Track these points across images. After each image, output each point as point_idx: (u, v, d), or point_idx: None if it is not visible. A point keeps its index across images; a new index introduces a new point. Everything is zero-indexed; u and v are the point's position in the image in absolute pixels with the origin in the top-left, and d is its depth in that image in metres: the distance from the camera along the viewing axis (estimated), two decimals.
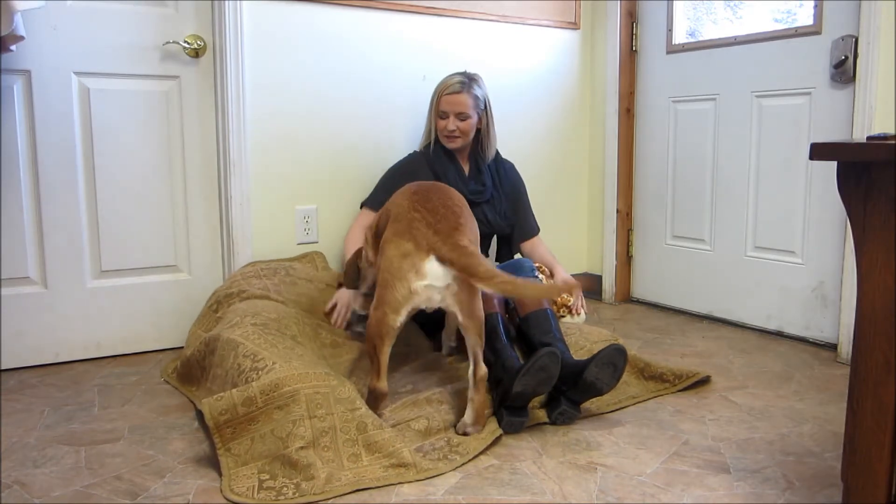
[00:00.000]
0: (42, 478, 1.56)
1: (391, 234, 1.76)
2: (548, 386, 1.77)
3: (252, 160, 2.50)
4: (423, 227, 1.72)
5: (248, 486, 1.49)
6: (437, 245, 1.68)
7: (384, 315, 1.70)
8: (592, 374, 1.77)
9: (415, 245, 1.70)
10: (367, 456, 1.59)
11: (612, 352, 1.78)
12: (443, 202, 1.80)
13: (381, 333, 1.71)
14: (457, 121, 2.39)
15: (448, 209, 1.78)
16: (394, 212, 1.82)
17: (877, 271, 1.21)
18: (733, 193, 2.82)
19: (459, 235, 1.70)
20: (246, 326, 1.96)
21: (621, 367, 1.80)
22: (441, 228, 1.71)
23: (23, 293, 2.27)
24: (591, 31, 3.24)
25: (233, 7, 2.38)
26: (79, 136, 2.30)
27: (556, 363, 1.74)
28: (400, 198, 1.86)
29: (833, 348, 2.50)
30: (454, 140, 2.42)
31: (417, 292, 1.69)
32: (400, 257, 1.70)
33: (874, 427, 1.22)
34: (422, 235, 1.70)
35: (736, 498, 1.49)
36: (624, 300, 3.28)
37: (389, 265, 1.71)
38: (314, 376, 1.67)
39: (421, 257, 1.68)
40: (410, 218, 1.75)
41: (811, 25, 2.51)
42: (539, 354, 1.71)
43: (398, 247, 1.71)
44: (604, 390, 1.83)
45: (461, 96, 2.38)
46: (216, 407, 1.60)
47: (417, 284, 1.68)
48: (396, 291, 1.69)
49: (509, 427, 1.78)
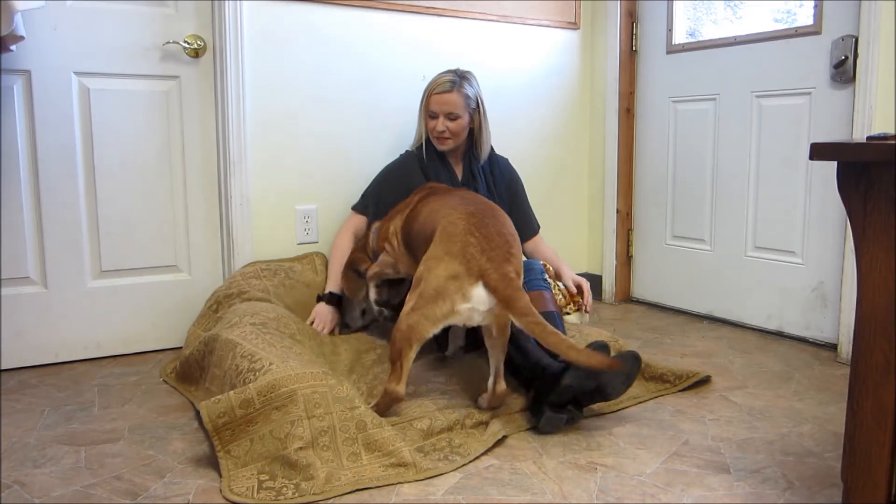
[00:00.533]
0: (42, 478, 1.56)
1: (442, 252, 1.76)
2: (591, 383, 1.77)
3: (252, 160, 2.50)
4: (478, 252, 1.73)
5: (247, 487, 1.49)
6: (489, 273, 1.70)
7: (418, 323, 1.71)
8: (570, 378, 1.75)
9: (466, 269, 1.71)
10: (366, 455, 1.59)
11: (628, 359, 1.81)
12: (498, 230, 1.81)
13: (412, 340, 1.72)
14: (447, 121, 2.33)
15: (502, 237, 1.79)
16: (446, 228, 1.81)
17: (877, 271, 1.21)
18: (733, 193, 2.82)
19: (509, 266, 1.73)
20: (244, 326, 1.96)
21: (633, 374, 1.82)
22: (494, 256, 1.73)
23: (23, 293, 2.27)
24: (591, 31, 3.24)
25: (233, 7, 2.38)
26: (79, 136, 2.30)
27: (637, 366, 1.81)
28: (455, 215, 1.84)
29: (833, 348, 2.50)
30: (444, 142, 2.37)
31: (459, 312, 1.71)
32: (449, 277, 1.71)
33: (874, 427, 1.22)
34: (475, 261, 1.72)
35: (736, 498, 1.49)
36: (624, 300, 3.28)
37: (437, 282, 1.72)
38: (311, 376, 1.66)
39: (471, 282, 1.70)
40: (466, 242, 1.75)
41: (811, 25, 2.51)
42: (626, 356, 1.79)
43: (448, 267, 1.72)
44: (612, 396, 1.83)
45: (451, 95, 2.32)
46: (214, 410, 1.59)
47: (462, 306, 1.71)
48: (437, 307, 1.71)
49: (547, 423, 1.78)
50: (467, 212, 1.84)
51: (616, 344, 2.21)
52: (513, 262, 1.75)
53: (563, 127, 3.24)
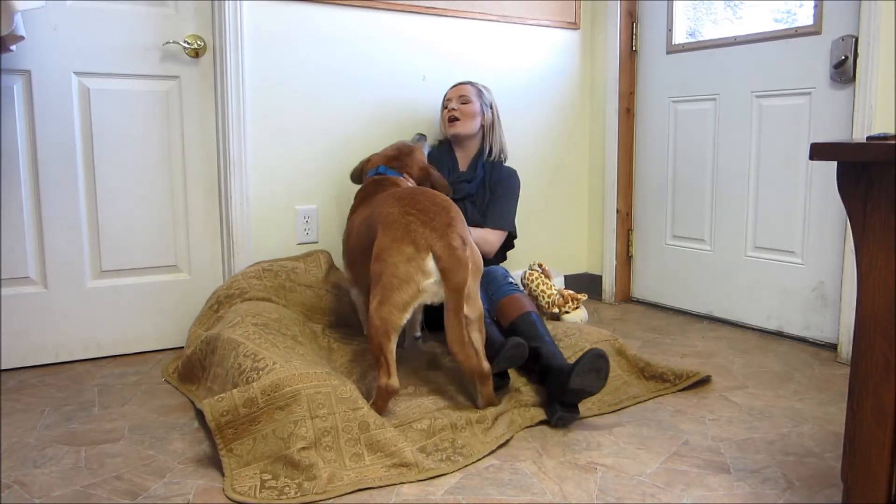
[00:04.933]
0: (42, 478, 1.56)
1: (388, 241, 1.79)
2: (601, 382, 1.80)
3: (252, 160, 2.50)
4: (420, 226, 1.78)
5: (250, 486, 1.49)
6: (434, 243, 1.75)
7: (390, 314, 1.74)
8: (576, 383, 1.78)
9: (415, 247, 1.76)
10: (369, 455, 1.59)
11: (591, 358, 1.78)
12: (431, 201, 1.86)
13: (388, 331, 1.75)
14: (458, 103, 2.50)
15: (437, 206, 1.85)
16: (384, 220, 1.85)
17: (877, 271, 1.21)
18: (733, 193, 2.82)
19: (452, 233, 1.78)
20: (247, 326, 1.96)
21: (605, 369, 1.80)
22: (436, 226, 1.78)
23: (23, 293, 2.27)
24: (591, 31, 3.24)
25: (233, 7, 2.38)
26: (79, 136, 2.30)
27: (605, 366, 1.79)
28: (386, 207, 1.88)
29: (833, 348, 2.51)
30: (454, 124, 2.50)
31: (425, 290, 1.76)
32: (405, 262, 1.75)
33: (874, 427, 1.22)
34: (420, 235, 1.76)
35: (736, 498, 1.49)
36: (624, 300, 3.28)
37: (395, 270, 1.75)
38: (315, 376, 1.67)
39: (423, 257, 1.75)
40: (406, 223, 1.80)
41: (811, 25, 2.51)
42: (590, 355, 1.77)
43: (400, 251, 1.76)
44: (594, 392, 1.83)
45: (465, 86, 2.55)
46: (217, 408, 1.60)
47: (425, 283, 1.75)
48: (403, 293, 1.75)
49: (560, 422, 1.82)
50: (396, 197, 1.90)
51: (616, 343, 2.21)
52: (455, 227, 1.80)
53: (563, 127, 3.24)
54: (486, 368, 1.81)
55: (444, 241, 1.75)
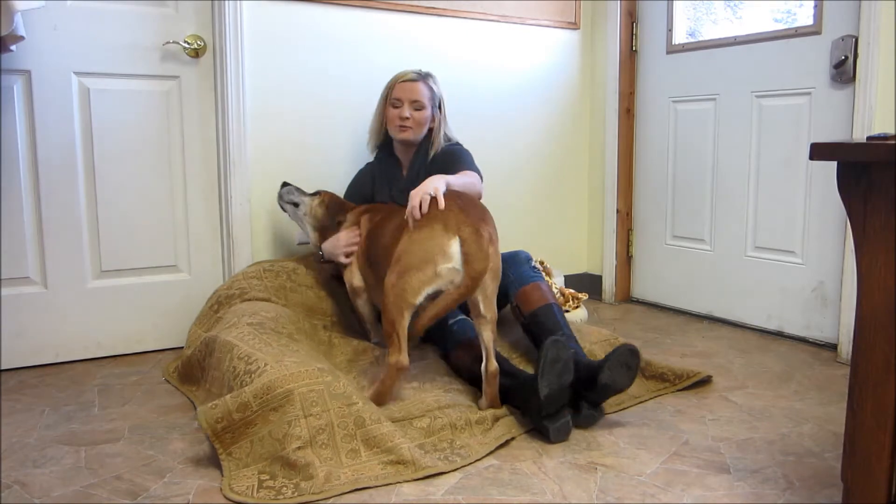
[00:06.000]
0: (42, 478, 1.56)
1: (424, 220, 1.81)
2: (569, 374, 1.72)
3: (252, 160, 2.50)
4: (456, 211, 1.79)
5: (247, 486, 1.49)
6: (463, 227, 1.75)
7: (404, 291, 1.75)
8: (607, 376, 1.76)
9: (444, 227, 1.77)
10: (365, 451, 1.59)
11: (624, 352, 1.78)
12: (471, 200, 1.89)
13: (402, 307, 1.75)
14: (411, 109, 2.29)
15: (479, 205, 1.88)
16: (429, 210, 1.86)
17: (877, 271, 1.20)
18: (733, 193, 2.82)
19: (484, 225, 1.79)
20: (242, 327, 1.96)
21: (635, 366, 1.80)
22: (471, 214, 1.79)
23: (23, 293, 2.27)
24: (591, 31, 3.24)
25: (233, 7, 2.39)
26: (79, 136, 2.30)
27: (564, 349, 1.71)
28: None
29: (833, 348, 2.50)
30: (405, 130, 2.30)
31: (441, 275, 1.75)
32: (428, 239, 1.76)
33: (874, 427, 1.22)
34: (453, 217, 1.78)
35: (736, 498, 1.49)
36: (624, 300, 3.28)
37: (418, 247, 1.77)
38: (307, 374, 1.66)
39: (449, 237, 1.75)
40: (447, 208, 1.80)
41: (811, 25, 2.51)
42: (545, 348, 1.70)
43: (430, 227, 1.78)
44: (624, 388, 1.82)
45: (417, 84, 2.30)
46: (211, 416, 1.59)
47: (443, 267, 1.74)
48: (421, 273, 1.75)
49: (557, 435, 1.74)
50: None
51: (615, 343, 2.21)
52: (488, 222, 1.82)
53: (563, 127, 3.24)
54: (493, 368, 1.82)
55: (473, 227, 1.76)
